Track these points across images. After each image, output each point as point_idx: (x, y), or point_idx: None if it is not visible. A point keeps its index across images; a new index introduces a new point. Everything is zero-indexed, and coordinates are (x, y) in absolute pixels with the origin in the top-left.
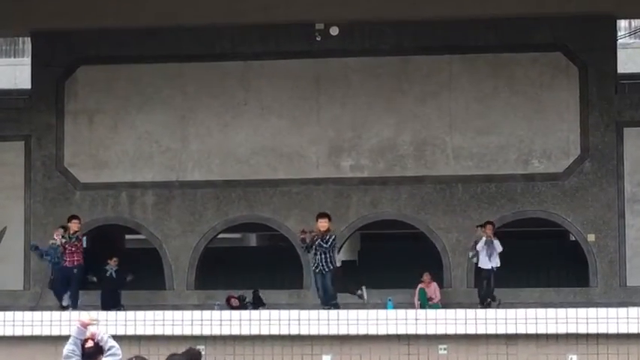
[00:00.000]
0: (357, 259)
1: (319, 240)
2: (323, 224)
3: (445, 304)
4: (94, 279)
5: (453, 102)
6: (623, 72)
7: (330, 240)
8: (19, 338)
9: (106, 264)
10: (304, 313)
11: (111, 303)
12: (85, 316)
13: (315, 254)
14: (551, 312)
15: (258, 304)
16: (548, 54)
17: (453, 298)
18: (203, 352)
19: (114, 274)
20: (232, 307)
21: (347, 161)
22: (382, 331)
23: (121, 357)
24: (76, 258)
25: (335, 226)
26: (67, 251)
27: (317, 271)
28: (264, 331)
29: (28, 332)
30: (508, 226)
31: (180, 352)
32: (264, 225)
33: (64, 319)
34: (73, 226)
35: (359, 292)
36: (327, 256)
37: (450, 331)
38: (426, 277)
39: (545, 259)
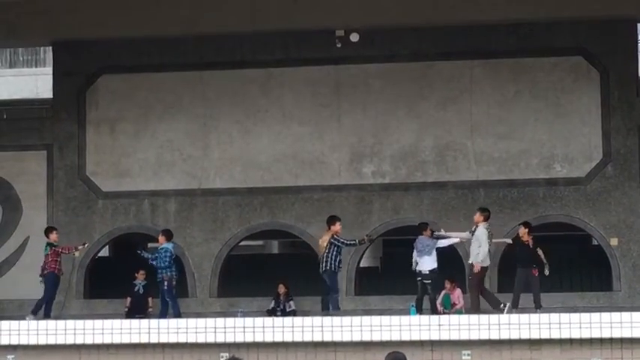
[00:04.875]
0: (379, 266)
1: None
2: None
3: (468, 310)
4: (127, 307)
5: (474, 107)
6: None
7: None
8: (42, 347)
9: (134, 278)
10: (327, 320)
11: (138, 313)
12: None
13: (331, 254)
14: (575, 316)
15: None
16: (569, 58)
17: None
18: None
19: (142, 289)
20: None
21: (368, 167)
22: (406, 337)
23: None
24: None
25: (356, 233)
26: (51, 259)
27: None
28: (288, 338)
29: (52, 341)
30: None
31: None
32: (286, 232)
33: (87, 327)
34: (54, 236)
35: None
36: (337, 253)
37: (474, 336)
38: (448, 284)
39: (569, 263)
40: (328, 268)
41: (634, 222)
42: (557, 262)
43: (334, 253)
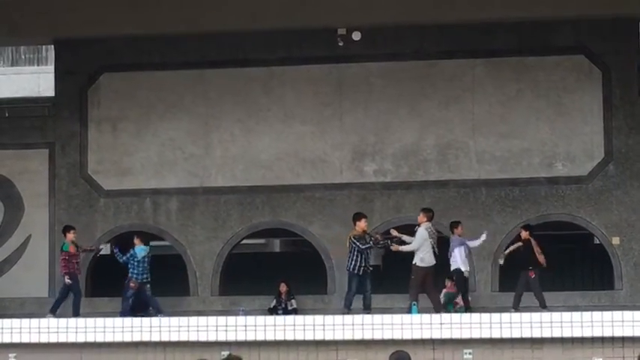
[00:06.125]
0: (380, 264)
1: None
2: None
3: (470, 309)
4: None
5: (476, 106)
6: None
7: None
8: (44, 345)
9: None
10: (329, 318)
11: (139, 312)
12: None
13: (363, 254)
14: (576, 315)
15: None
16: (571, 57)
17: (478, 302)
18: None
19: None
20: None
21: (370, 166)
22: (407, 336)
23: None
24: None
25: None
26: (75, 260)
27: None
28: (289, 337)
29: (53, 339)
30: (532, 232)
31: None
32: (288, 230)
33: (89, 325)
34: (70, 236)
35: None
36: (357, 254)
37: (475, 335)
38: (448, 282)
39: (570, 262)
40: (348, 268)
41: (635, 221)
42: (558, 260)
43: (355, 253)
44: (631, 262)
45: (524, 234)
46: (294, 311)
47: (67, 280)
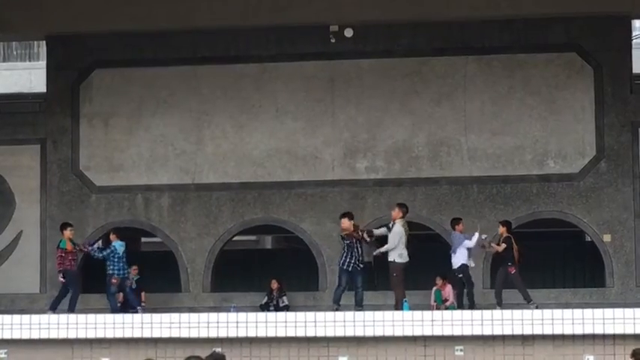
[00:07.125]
0: (372, 261)
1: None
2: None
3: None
4: (120, 302)
5: (468, 103)
6: (639, 72)
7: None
8: (35, 341)
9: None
10: (320, 315)
11: (131, 308)
12: None
13: (354, 251)
14: (567, 312)
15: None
16: (563, 54)
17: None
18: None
19: (134, 284)
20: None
21: (362, 163)
22: (398, 333)
23: None
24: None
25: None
26: (72, 257)
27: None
28: (280, 333)
29: (44, 335)
30: (524, 227)
31: (204, 355)
32: (280, 227)
33: (80, 322)
34: (67, 233)
35: None
36: (347, 250)
37: (466, 332)
38: (439, 280)
39: (561, 259)
40: (338, 264)
41: (627, 218)
42: (549, 258)
43: (345, 250)
44: (622, 260)
45: (502, 229)
46: (286, 308)
47: (61, 279)
